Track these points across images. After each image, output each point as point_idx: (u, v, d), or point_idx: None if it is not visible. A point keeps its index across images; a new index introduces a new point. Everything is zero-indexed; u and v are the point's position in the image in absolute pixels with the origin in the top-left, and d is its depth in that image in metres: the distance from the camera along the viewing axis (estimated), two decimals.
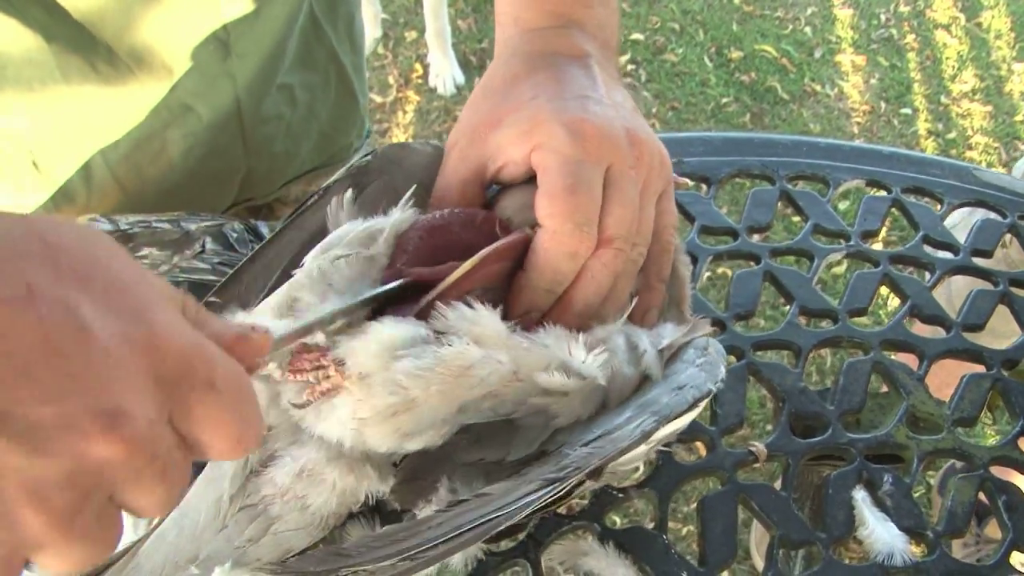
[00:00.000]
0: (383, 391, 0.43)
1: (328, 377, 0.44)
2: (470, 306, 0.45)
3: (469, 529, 0.43)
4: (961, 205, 0.77)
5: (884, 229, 0.76)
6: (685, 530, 1.49)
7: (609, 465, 0.46)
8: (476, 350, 0.44)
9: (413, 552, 0.42)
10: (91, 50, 0.63)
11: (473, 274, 0.47)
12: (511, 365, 0.45)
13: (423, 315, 0.46)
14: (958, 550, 1.30)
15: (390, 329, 0.44)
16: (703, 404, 0.48)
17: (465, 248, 0.48)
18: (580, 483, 0.46)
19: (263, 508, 0.46)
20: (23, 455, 0.27)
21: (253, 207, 0.82)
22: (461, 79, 2.55)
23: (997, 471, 0.61)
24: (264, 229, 0.64)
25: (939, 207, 0.76)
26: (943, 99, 2.52)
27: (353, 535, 0.48)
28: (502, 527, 0.43)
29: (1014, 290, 0.70)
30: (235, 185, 0.77)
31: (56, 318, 0.28)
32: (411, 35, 2.67)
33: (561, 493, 0.44)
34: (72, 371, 0.28)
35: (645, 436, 0.45)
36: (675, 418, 0.46)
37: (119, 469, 0.29)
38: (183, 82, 0.67)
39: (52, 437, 0.27)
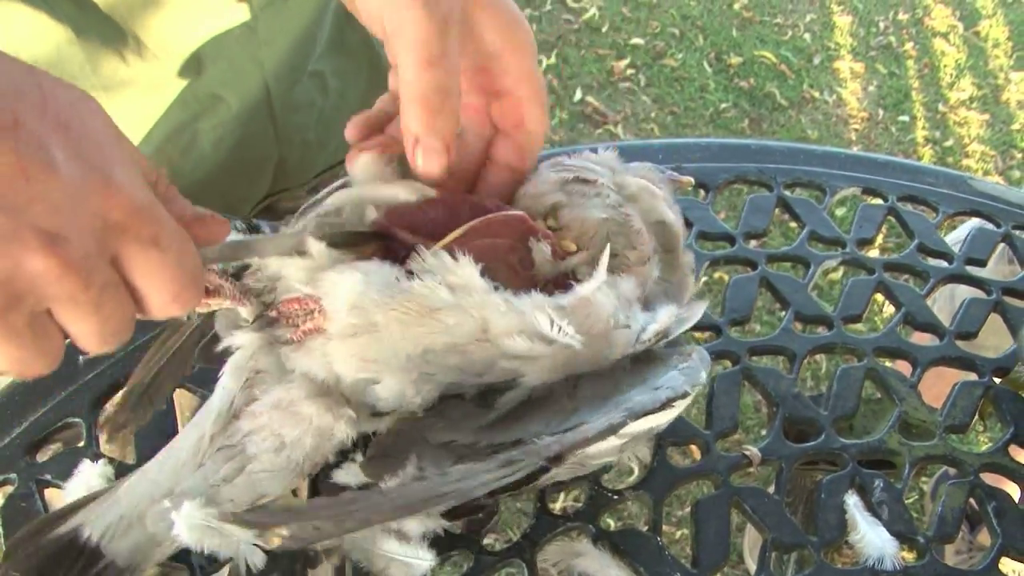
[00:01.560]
0: (347, 313, 0.45)
1: (314, 319, 0.47)
2: (454, 257, 0.46)
3: (419, 502, 0.45)
4: (956, 214, 0.78)
5: (881, 236, 0.77)
6: (679, 533, 1.49)
7: (577, 455, 0.47)
8: (446, 294, 0.45)
9: (358, 513, 0.45)
10: (120, 42, 0.64)
11: (464, 242, 0.47)
12: (480, 322, 0.46)
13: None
14: (951, 556, 1.31)
15: (369, 266, 0.46)
16: (680, 405, 0.49)
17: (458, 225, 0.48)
18: (544, 469, 0.46)
19: (240, 448, 0.48)
20: None
21: (279, 214, 0.82)
22: None
23: (989, 478, 0.61)
24: (266, 228, 0.64)
25: (934, 215, 0.77)
26: (941, 107, 2.53)
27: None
28: (453, 503, 0.46)
29: (1007, 299, 0.71)
30: (268, 175, 0.77)
31: (30, 150, 0.33)
32: None
33: (519, 476, 0.45)
34: (31, 194, 0.33)
35: (612, 429, 0.46)
36: (645, 415, 0.47)
37: (51, 285, 0.35)
38: (211, 71, 0.67)
39: (2, 242, 0.33)
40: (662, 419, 0.49)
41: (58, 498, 0.55)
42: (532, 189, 0.53)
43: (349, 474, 0.48)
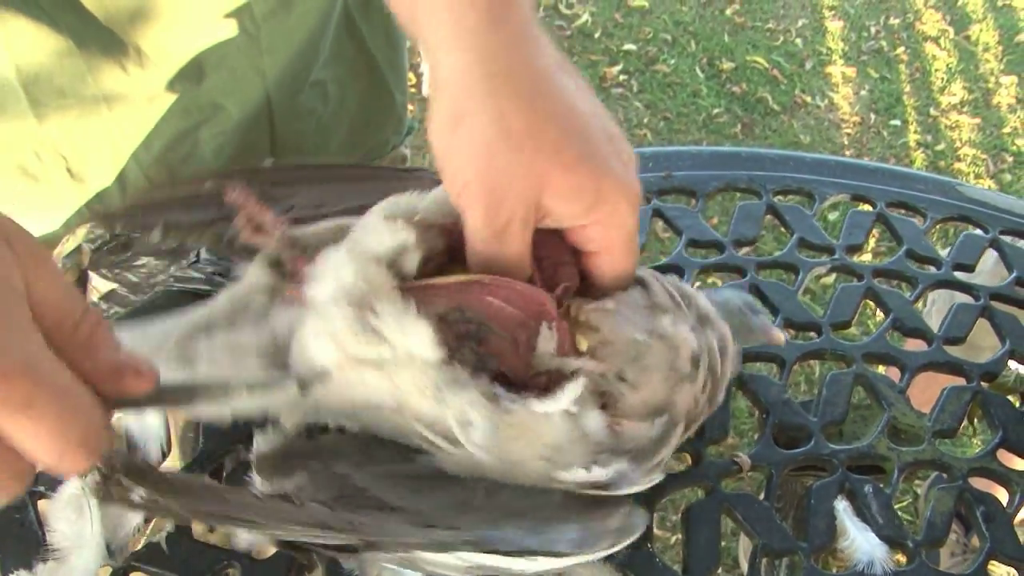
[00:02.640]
0: (324, 303, 0.46)
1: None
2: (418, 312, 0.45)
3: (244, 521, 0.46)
4: (944, 220, 0.78)
5: (873, 241, 0.77)
6: (674, 538, 1.50)
7: (406, 552, 0.46)
8: (378, 351, 0.44)
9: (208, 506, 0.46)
10: (120, 52, 0.64)
11: (474, 295, 0.47)
12: (397, 394, 0.44)
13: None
14: (946, 559, 1.31)
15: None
16: (546, 564, 0.46)
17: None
18: (353, 548, 0.46)
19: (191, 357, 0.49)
20: None
21: None
22: None
23: (978, 483, 0.62)
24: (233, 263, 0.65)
25: (923, 221, 0.77)
26: (932, 111, 2.54)
27: None
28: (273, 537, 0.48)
29: (994, 304, 0.72)
30: None
31: None
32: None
33: (329, 542, 0.46)
34: None
35: (443, 546, 0.45)
36: (492, 553, 0.45)
37: None
38: (212, 80, 0.68)
39: None
40: (512, 565, 0.45)
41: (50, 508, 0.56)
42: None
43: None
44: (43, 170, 0.68)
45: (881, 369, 0.69)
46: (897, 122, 2.51)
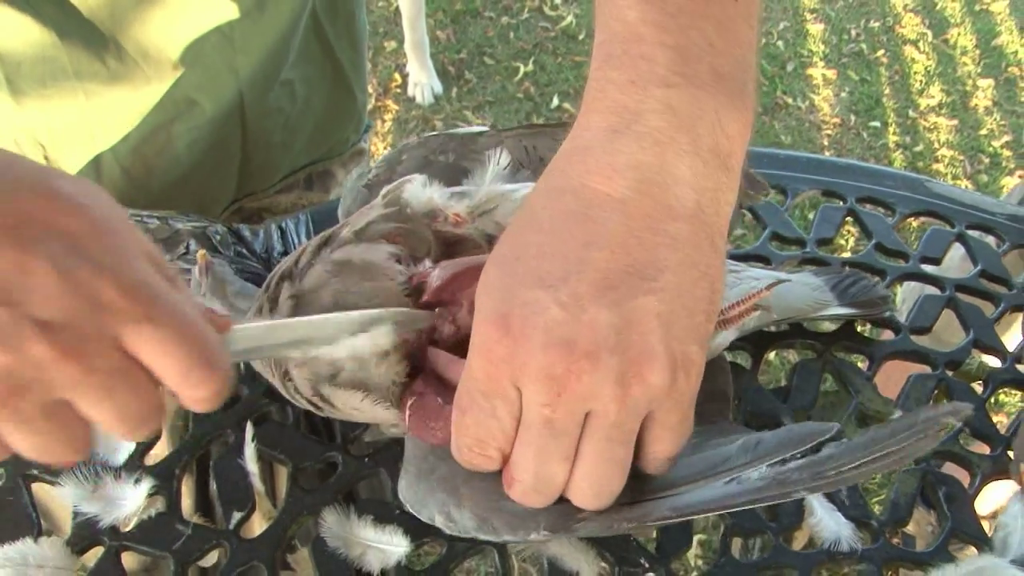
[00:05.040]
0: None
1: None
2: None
3: None
4: (912, 215, 0.81)
5: (853, 239, 0.80)
6: None
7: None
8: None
9: None
10: (101, 46, 0.66)
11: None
12: None
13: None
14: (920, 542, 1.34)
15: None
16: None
17: None
18: None
19: None
20: None
21: (245, 216, 0.85)
22: (439, 89, 2.58)
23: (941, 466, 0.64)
24: (246, 232, 0.67)
25: (892, 216, 0.80)
26: (911, 113, 2.58)
27: None
28: None
29: (959, 295, 0.74)
30: (234, 176, 0.80)
31: (30, 245, 0.35)
32: (390, 45, 2.70)
33: None
34: (28, 287, 0.35)
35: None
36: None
37: (52, 372, 0.36)
38: (188, 76, 0.70)
39: (1, 333, 0.35)
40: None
41: (44, 492, 0.57)
42: None
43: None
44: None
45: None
46: (877, 124, 2.55)
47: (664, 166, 0.40)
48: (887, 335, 0.72)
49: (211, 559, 0.55)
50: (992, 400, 0.68)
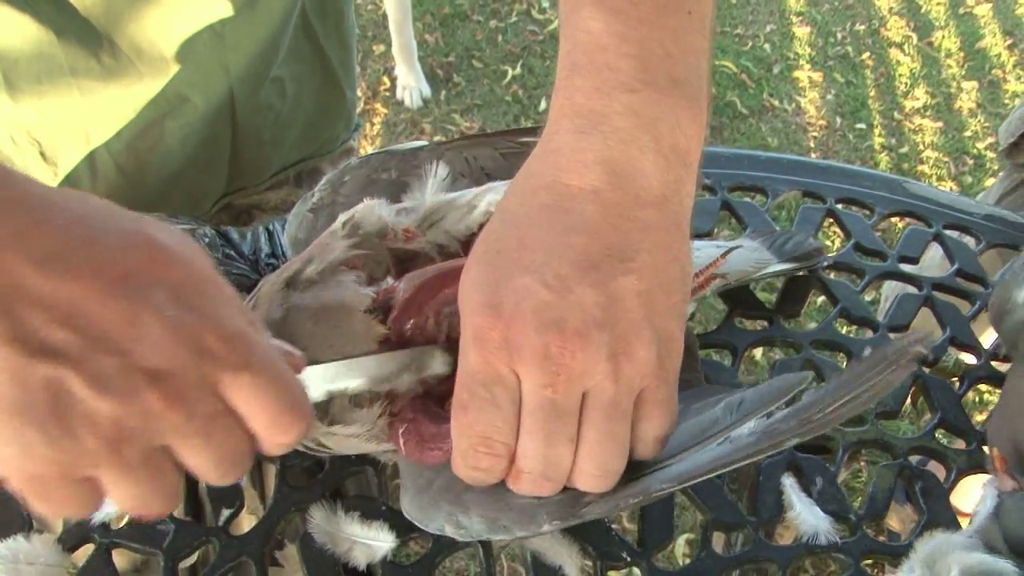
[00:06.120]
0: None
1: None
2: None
3: None
4: (890, 215, 0.82)
5: (839, 240, 0.81)
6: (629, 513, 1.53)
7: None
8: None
9: None
10: (96, 44, 0.67)
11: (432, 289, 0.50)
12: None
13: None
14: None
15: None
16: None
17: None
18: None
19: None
20: (88, 390, 0.35)
21: (234, 213, 0.86)
22: (428, 92, 2.59)
23: (918, 461, 0.66)
24: (234, 234, 0.67)
25: (871, 216, 0.81)
26: (896, 115, 2.60)
27: None
28: None
29: (936, 294, 0.76)
30: (224, 171, 0.81)
31: (137, 295, 0.36)
32: (379, 48, 2.71)
33: None
34: (136, 336, 0.36)
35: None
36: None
37: (158, 419, 0.36)
38: (180, 73, 0.71)
39: (111, 383, 0.35)
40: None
41: None
42: None
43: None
44: (17, 153, 0.71)
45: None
46: (862, 126, 2.57)
47: (630, 160, 0.43)
48: (867, 334, 0.74)
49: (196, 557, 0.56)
50: (976, 400, 0.70)
